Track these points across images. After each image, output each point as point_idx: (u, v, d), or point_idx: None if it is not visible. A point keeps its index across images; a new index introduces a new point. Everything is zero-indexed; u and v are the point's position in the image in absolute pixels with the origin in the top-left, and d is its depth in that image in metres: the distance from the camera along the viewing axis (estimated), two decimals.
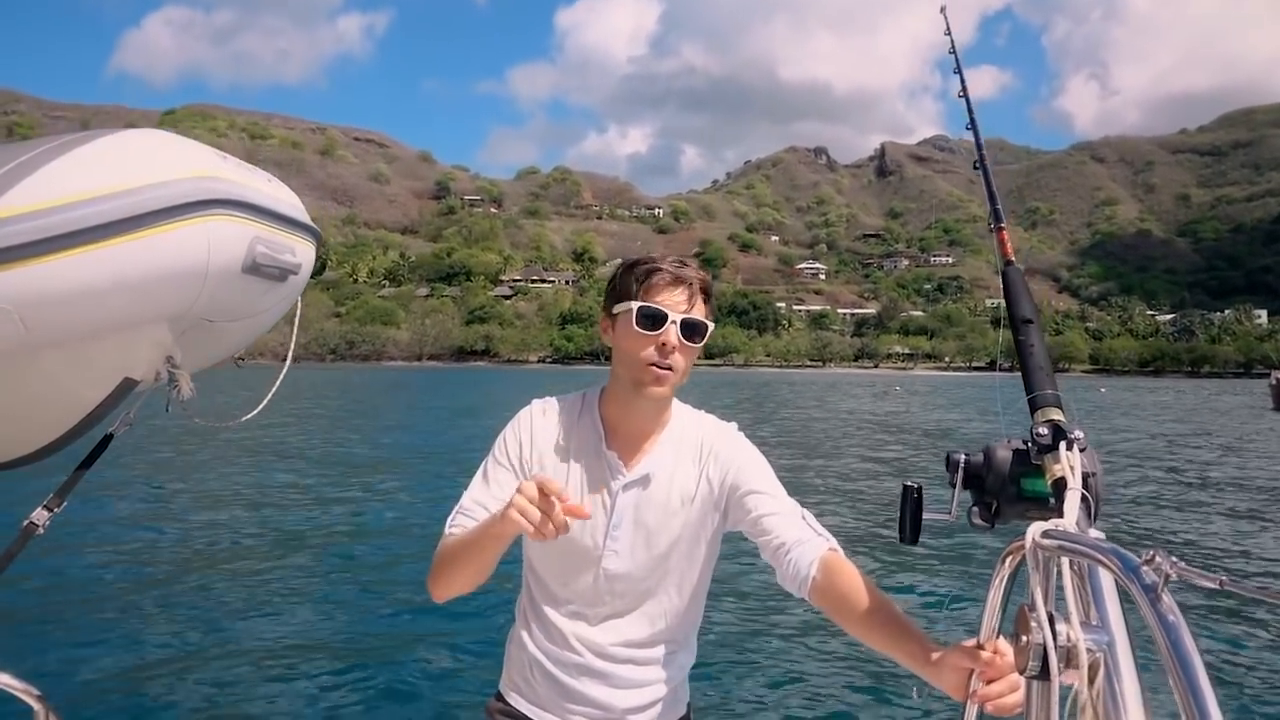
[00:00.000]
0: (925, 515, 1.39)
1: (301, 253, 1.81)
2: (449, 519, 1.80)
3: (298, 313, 2.05)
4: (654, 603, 1.81)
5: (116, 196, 1.38)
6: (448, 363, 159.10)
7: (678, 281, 1.70)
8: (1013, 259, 1.67)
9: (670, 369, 1.70)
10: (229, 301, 1.66)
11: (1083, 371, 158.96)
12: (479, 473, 1.83)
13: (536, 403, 1.86)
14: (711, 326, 1.75)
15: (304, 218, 1.84)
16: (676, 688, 1.87)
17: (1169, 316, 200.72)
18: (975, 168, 1.92)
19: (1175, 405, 49.49)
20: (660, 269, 1.70)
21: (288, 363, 2.11)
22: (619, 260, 1.90)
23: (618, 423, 1.80)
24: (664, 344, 1.67)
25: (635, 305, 1.68)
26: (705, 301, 1.75)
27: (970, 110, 1.99)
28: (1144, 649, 0.94)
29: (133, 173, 1.42)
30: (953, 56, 2.11)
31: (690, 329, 1.69)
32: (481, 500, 1.78)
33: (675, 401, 1.84)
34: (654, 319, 1.67)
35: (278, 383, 1.98)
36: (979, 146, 1.90)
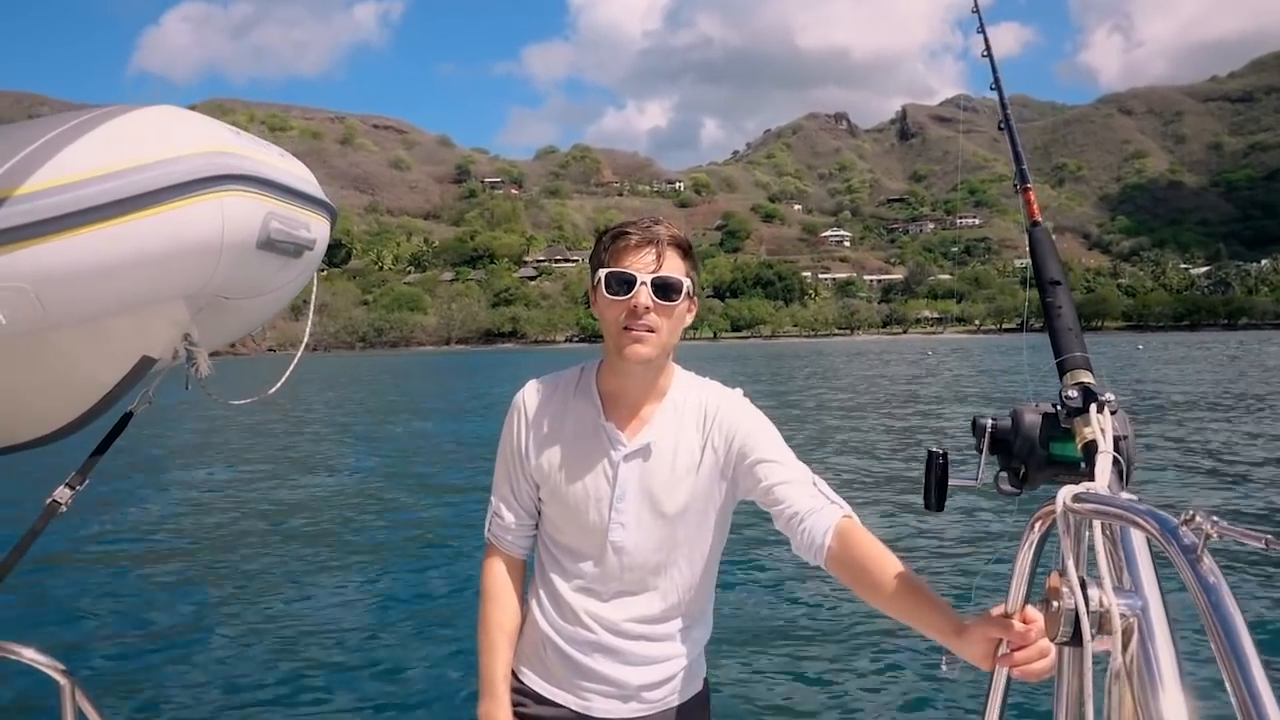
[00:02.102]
0: (951, 481, 1.36)
1: (316, 228, 1.79)
2: (487, 522, 1.88)
3: (313, 293, 2.03)
4: (665, 577, 1.78)
5: (129, 173, 1.38)
6: (475, 346, 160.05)
7: (645, 242, 1.67)
8: (1039, 219, 1.64)
9: (650, 330, 1.66)
10: (244, 278, 1.66)
11: (1116, 329, 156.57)
12: (496, 466, 1.88)
13: (531, 383, 1.85)
14: (687, 282, 1.70)
15: (318, 193, 1.82)
16: (692, 663, 1.85)
17: (1204, 269, 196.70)
18: (1000, 128, 1.88)
19: (1215, 360, 48.62)
20: (626, 232, 1.68)
21: (304, 341, 2.10)
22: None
23: (614, 393, 1.78)
24: (635, 306, 1.64)
25: (603, 272, 1.67)
26: (684, 257, 1.71)
27: (994, 69, 1.95)
28: (1177, 613, 0.92)
29: (145, 149, 1.42)
30: (976, 16, 2.10)
31: (663, 288, 1.66)
32: (505, 499, 1.85)
33: (677, 369, 1.82)
34: (623, 283, 1.65)
35: (294, 363, 1.99)
36: (1003, 106, 1.88)
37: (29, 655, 1.83)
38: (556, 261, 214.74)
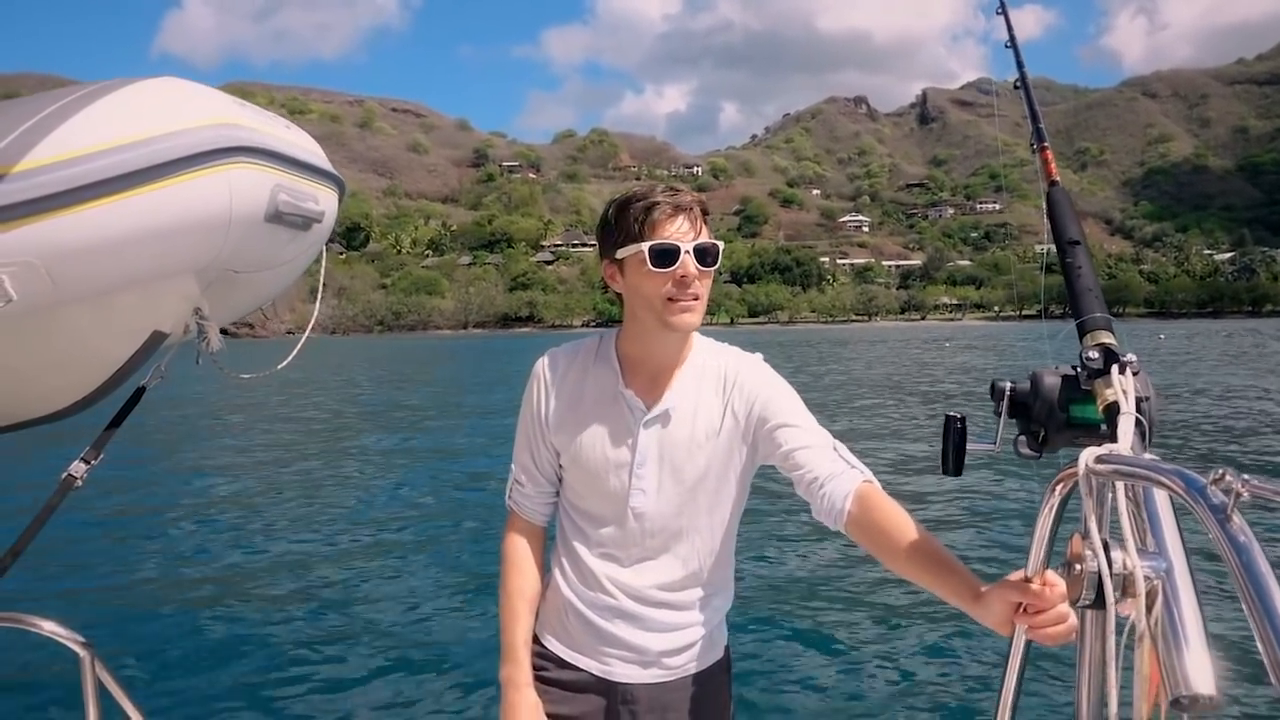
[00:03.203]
0: (969, 446, 1.35)
1: (324, 200, 1.77)
2: (508, 490, 1.89)
3: (322, 268, 2.01)
4: (686, 542, 1.79)
5: (136, 146, 1.37)
6: (493, 330, 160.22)
7: (678, 210, 1.66)
8: (1057, 179, 1.62)
9: (695, 298, 1.67)
10: (253, 251, 1.64)
11: (1138, 315, 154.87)
12: (517, 434, 1.88)
13: (550, 352, 1.85)
14: (721, 246, 1.72)
15: (325, 165, 1.80)
16: (713, 631, 1.87)
17: (1228, 255, 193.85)
18: (1015, 87, 1.85)
19: (1238, 347, 48.02)
20: (658, 202, 1.65)
21: (313, 317, 2.12)
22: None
23: (636, 361, 1.78)
24: (683, 277, 1.64)
25: (645, 246, 1.64)
26: (706, 222, 1.72)
27: (1009, 25, 1.92)
28: (1199, 575, 0.92)
29: (151, 122, 1.40)
30: None
31: (703, 254, 1.66)
32: (526, 467, 1.86)
33: (695, 334, 1.81)
34: (667, 254, 1.63)
35: (305, 335, 1.99)
36: (1020, 65, 1.85)
37: (49, 628, 1.84)
38: (574, 246, 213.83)
